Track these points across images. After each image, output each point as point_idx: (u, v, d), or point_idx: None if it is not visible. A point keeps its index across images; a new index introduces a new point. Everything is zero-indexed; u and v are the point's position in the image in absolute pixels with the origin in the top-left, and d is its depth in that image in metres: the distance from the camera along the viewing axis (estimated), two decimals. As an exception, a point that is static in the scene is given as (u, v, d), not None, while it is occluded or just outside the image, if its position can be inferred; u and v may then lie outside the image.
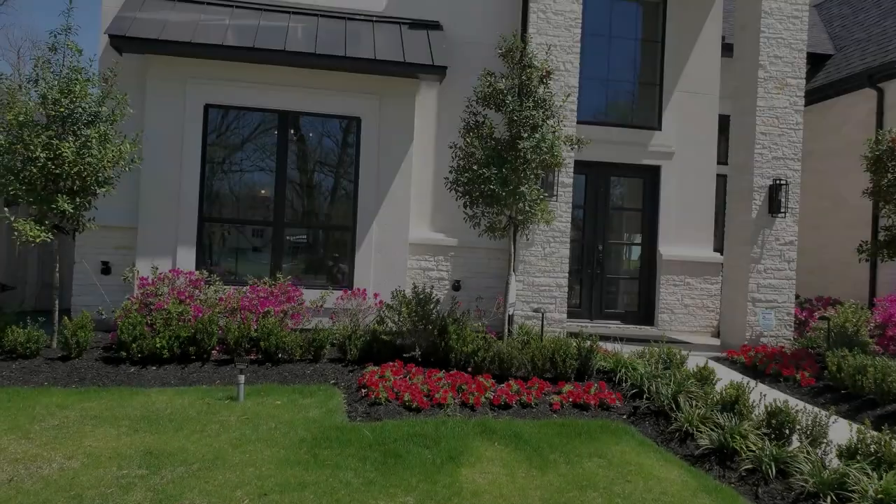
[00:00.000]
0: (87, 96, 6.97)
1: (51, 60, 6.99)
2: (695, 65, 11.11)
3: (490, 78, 7.45)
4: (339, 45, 8.69)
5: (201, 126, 8.60)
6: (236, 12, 8.92)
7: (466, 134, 7.63)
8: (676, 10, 11.11)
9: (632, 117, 11.26)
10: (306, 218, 9.27)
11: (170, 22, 8.44)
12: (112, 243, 8.52)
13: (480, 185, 7.28)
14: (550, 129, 7.40)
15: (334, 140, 9.41)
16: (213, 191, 8.89)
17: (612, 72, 11.19)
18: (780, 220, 9.27)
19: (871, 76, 11.40)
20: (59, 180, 6.79)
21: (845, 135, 12.16)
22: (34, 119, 6.81)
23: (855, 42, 13.03)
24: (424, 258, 9.37)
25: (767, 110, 9.33)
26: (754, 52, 9.43)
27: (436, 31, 9.35)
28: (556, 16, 9.06)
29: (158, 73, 8.52)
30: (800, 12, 9.45)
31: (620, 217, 11.47)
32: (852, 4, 14.49)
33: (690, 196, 10.98)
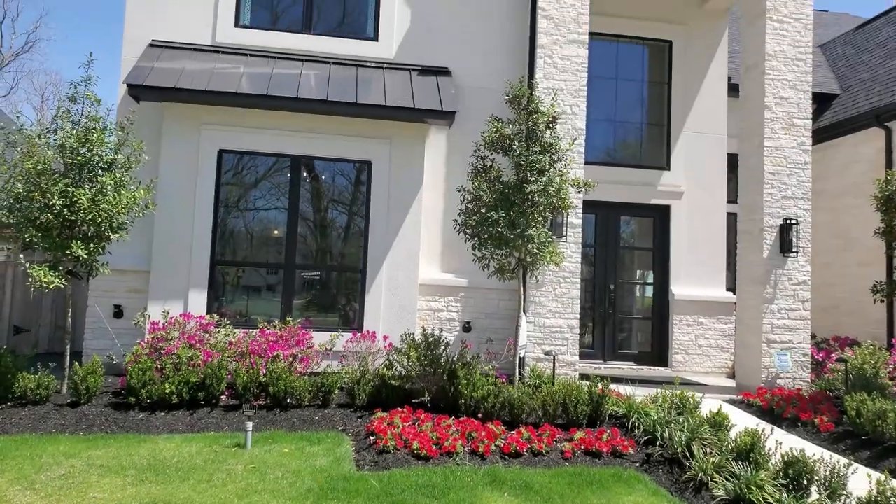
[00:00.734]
0: (103, 144, 7.13)
1: (70, 110, 7.17)
2: (702, 105, 11.21)
3: (497, 124, 7.54)
4: (350, 92, 8.85)
5: (215, 171, 8.75)
6: (250, 60, 9.14)
7: (474, 177, 7.69)
8: (682, 51, 11.27)
9: (640, 157, 11.33)
10: (317, 260, 9.33)
11: (186, 70, 8.66)
12: (125, 287, 8.60)
13: (489, 227, 7.31)
14: (557, 173, 7.45)
15: (345, 183, 9.52)
16: (226, 234, 8.99)
17: (619, 113, 11.32)
18: (792, 260, 9.21)
19: (879, 115, 11.44)
20: (74, 226, 6.90)
21: (855, 173, 12.14)
22: (52, 167, 6.96)
23: (860, 82, 13.11)
24: (435, 299, 9.36)
25: (775, 150, 9.36)
26: (760, 94, 9.51)
27: (445, 77, 9.52)
28: (562, 61, 9.20)
29: (174, 119, 8.71)
30: (803, 55, 9.55)
31: (632, 256, 11.46)
32: (856, 45, 14.62)
33: (701, 235, 10.97)
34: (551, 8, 9.19)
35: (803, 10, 9.62)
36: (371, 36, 9.63)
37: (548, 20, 9.18)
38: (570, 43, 9.20)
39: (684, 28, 11.28)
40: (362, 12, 9.77)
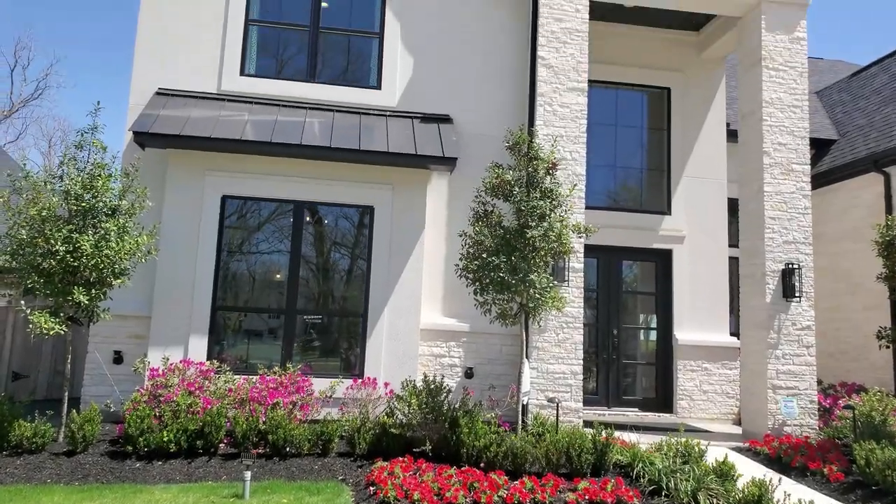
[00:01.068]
0: (108, 191, 7.21)
1: (76, 157, 7.27)
2: (701, 151, 11.34)
3: (498, 170, 7.62)
4: (353, 139, 8.97)
5: (218, 217, 8.80)
6: (255, 108, 9.29)
7: (476, 222, 7.74)
8: (680, 98, 11.46)
9: (641, 202, 11.40)
10: (318, 305, 9.31)
11: (192, 118, 8.80)
12: (125, 332, 8.56)
13: (490, 272, 7.32)
14: (558, 219, 7.49)
15: (347, 228, 9.57)
16: (227, 280, 9.00)
17: (620, 158, 11.44)
18: (796, 305, 9.17)
19: (877, 161, 11.54)
20: (76, 272, 6.92)
21: (855, 218, 12.19)
22: (56, 213, 7.02)
23: (857, 128, 13.28)
24: (436, 344, 9.30)
25: (775, 195, 9.42)
26: (758, 140, 9.62)
27: (446, 124, 9.65)
28: (561, 108, 9.34)
29: (178, 165, 8.81)
30: (800, 101, 9.69)
31: (634, 301, 11.42)
32: (852, 92, 14.86)
33: (703, 280, 10.96)
34: (551, 57, 9.38)
35: (798, 59, 9.80)
36: (374, 84, 9.80)
37: (547, 69, 9.36)
38: (569, 91, 9.36)
39: (682, 75, 11.49)
40: (365, 62, 9.98)
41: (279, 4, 9.80)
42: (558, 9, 9.43)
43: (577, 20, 9.45)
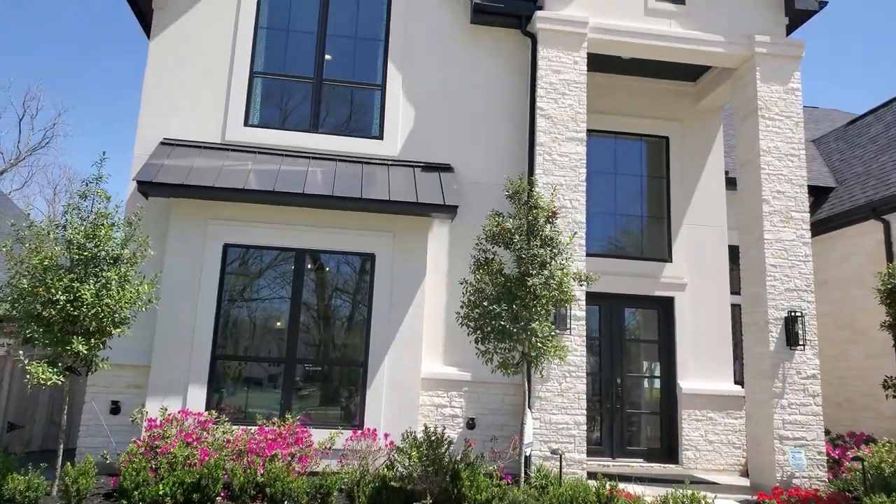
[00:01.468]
0: (110, 240, 7.23)
1: (80, 206, 7.33)
2: (701, 198, 11.41)
3: (498, 218, 7.67)
4: (355, 187, 9.06)
5: (219, 266, 8.82)
6: (259, 158, 9.40)
7: (476, 270, 7.75)
8: (678, 147, 11.59)
9: (642, 249, 11.43)
10: (318, 353, 9.24)
11: (195, 168, 8.90)
12: (123, 382, 8.48)
13: (491, 320, 7.29)
14: (559, 267, 7.50)
15: (348, 276, 9.58)
16: (228, 328, 8.96)
17: (620, 206, 11.51)
18: (800, 353, 9.09)
19: (875, 209, 11.61)
20: (76, 322, 6.90)
21: (856, 265, 12.19)
22: (58, 262, 7.04)
23: (855, 176, 13.41)
24: (437, 394, 9.19)
25: (775, 243, 9.44)
26: (757, 188, 9.70)
27: (447, 172, 9.75)
28: (561, 157, 9.45)
29: (181, 214, 8.88)
30: (797, 150, 9.81)
31: (637, 349, 11.33)
32: (848, 140, 15.06)
33: (706, 327, 10.88)
34: (549, 108, 9.54)
35: (793, 109, 9.96)
36: (376, 134, 9.94)
37: (546, 119, 9.51)
38: (568, 140, 9.49)
39: (680, 125, 11.65)
40: (368, 112, 10.14)
41: (283, 57, 10.02)
42: (556, 61, 9.64)
43: (574, 72, 9.65)
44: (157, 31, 9.59)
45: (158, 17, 9.61)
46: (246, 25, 9.76)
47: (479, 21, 10.03)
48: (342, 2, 10.15)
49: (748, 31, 10.15)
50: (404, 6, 10.11)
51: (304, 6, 10.07)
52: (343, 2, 10.15)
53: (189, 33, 9.62)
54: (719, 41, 10.07)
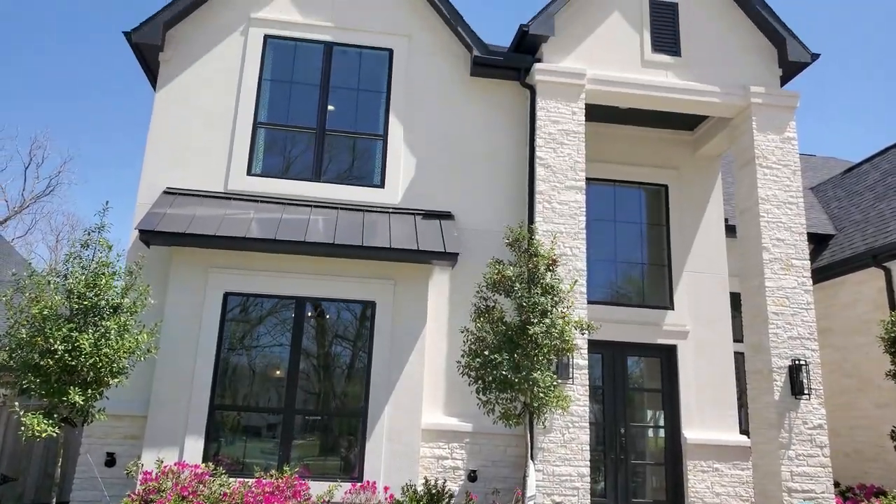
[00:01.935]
0: (111, 289, 7.23)
1: (81, 255, 7.35)
2: (701, 245, 11.42)
3: (498, 266, 7.68)
4: (356, 235, 9.09)
5: (219, 314, 8.80)
6: (261, 206, 9.47)
7: (477, 318, 7.73)
8: (678, 195, 11.66)
9: (644, 297, 11.38)
10: (318, 403, 9.12)
11: (197, 216, 8.96)
12: (120, 433, 8.35)
13: (492, 370, 7.23)
14: (560, 315, 7.47)
15: (348, 324, 9.53)
16: (227, 378, 8.87)
17: (621, 253, 11.52)
18: (805, 403, 8.97)
19: (876, 256, 11.62)
20: (73, 372, 6.84)
21: (859, 312, 12.13)
22: (58, 311, 7.02)
23: (854, 223, 13.47)
24: (438, 445, 9.02)
25: (777, 290, 9.42)
26: (757, 235, 9.73)
27: (448, 220, 9.80)
28: (560, 205, 9.52)
29: (182, 263, 8.90)
30: (795, 198, 9.88)
31: (641, 398, 11.18)
32: (846, 188, 15.19)
33: (709, 376, 10.75)
34: (548, 157, 9.66)
35: (790, 158, 10.08)
36: (378, 183, 10.02)
37: (545, 168, 9.61)
38: (567, 189, 9.57)
39: (678, 173, 11.75)
40: (369, 161, 10.25)
41: (287, 108, 10.19)
42: (555, 112, 9.80)
43: (573, 122, 9.80)
44: (164, 82, 9.79)
45: (165, 69, 9.83)
46: (250, 78, 9.96)
47: (479, 73, 10.24)
48: (345, 55, 10.38)
49: (743, 81, 10.35)
50: (406, 59, 10.34)
51: (307, 59, 10.30)
52: (345, 55, 10.39)
53: (194, 85, 9.82)
54: (715, 92, 10.25)
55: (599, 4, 10.41)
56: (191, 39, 9.94)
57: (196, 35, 9.97)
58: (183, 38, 9.90)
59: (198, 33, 9.98)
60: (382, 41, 10.38)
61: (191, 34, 9.95)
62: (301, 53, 10.32)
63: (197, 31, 9.98)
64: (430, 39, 10.44)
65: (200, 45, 9.96)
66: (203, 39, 9.98)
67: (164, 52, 9.77)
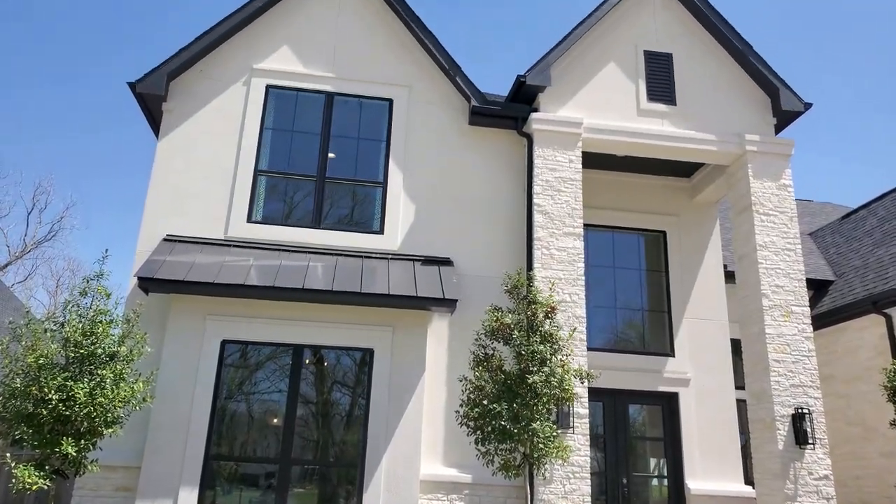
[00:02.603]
0: (108, 337, 7.19)
1: (79, 304, 7.34)
2: (700, 292, 11.40)
3: (497, 313, 7.65)
4: (355, 282, 9.09)
5: (216, 362, 8.73)
6: (260, 253, 9.49)
7: (476, 367, 7.66)
8: (676, 241, 11.69)
9: (644, 344, 11.32)
10: (315, 453, 8.98)
11: (196, 263, 8.97)
12: (112, 484, 8.19)
13: (491, 420, 7.14)
14: (559, 363, 7.41)
15: (346, 372, 9.46)
16: (223, 427, 8.75)
17: (620, 299, 11.50)
18: (810, 453, 8.82)
19: (876, 302, 11.59)
20: (67, 422, 6.75)
21: (862, 359, 12.04)
22: (54, 360, 6.97)
23: (853, 269, 13.48)
24: (437, 497, 8.84)
25: (777, 337, 9.37)
26: (756, 282, 9.73)
27: (447, 266, 9.81)
28: (559, 252, 9.54)
29: (181, 310, 8.87)
30: (793, 245, 9.91)
31: (643, 447, 11.00)
32: (844, 234, 15.25)
33: (712, 424, 10.61)
34: (546, 204, 9.73)
35: (786, 205, 10.15)
36: (377, 230, 10.07)
37: (543, 215, 9.67)
38: (565, 235, 9.61)
39: (676, 219, 11.81)
40: (369, 208, 10.32)
41: (287, 156, 10.31)
42: (552, 160, 9.91)
43: (570, 170, 9.90)
44: (166, 131, 9.93)
45: (167, 118, 9.98)
46: (252, 126, 10.11)
47: (477, 122, 10.40)
48: (345, 105, 10.55)
49: (738, 129, 10.50)
50: (405, 109, 10.51)
51: (308, 109, 10.47)
52: (346, 105, 10.56)
53: (196, 134, 9.96)
54: (711, 140, 10.39)
55: (595, 55, 10.63)
56: (194, 89, 10.13)
57: (199, 85, 10.16)
58: (186, 87, 10.09)
59: (201, 83, 10.17)
60: (383, 91, 10.57)
61: (194, 84, 10.14)
62: (302, 103, 10.50)
63: (200, 82, 10.18)
64: (429, 89, 10.64)
65: (203, 95, 10.14)
66: (206, 89, 10.17)
67: (167, 102, 9.95)
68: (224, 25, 10.19)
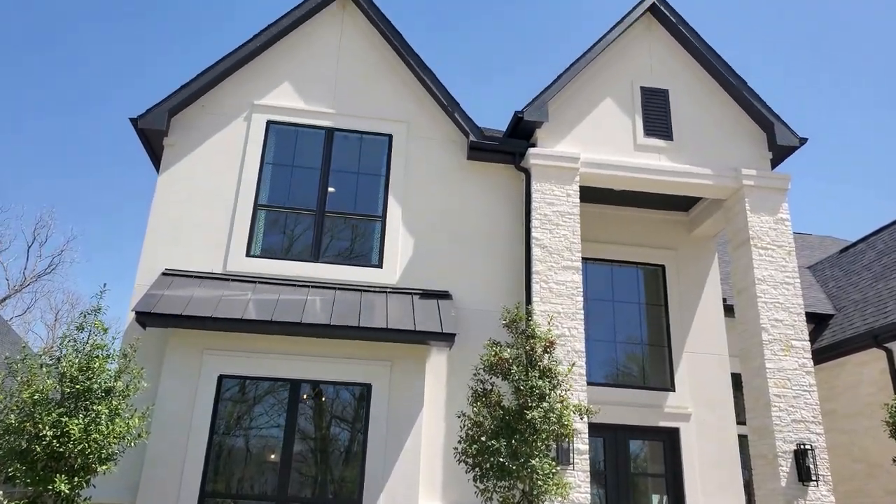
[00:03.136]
0: (104, 372, 7.16)
1: (76, 338, 7.32)
2: (700, 326, 11.36)
3: (495, 348, 7.61)
4: (353, 316, 9.06)
5: (213, 398, 8.66)
6: (258, 287, 9.49)
7: (474, 402, 7.59)
8: (675, 275, 11.69)
9: (644, 378, 11.24)
10: (313, 490, 8.85)
11: (195, 298, 8.96)
12: (105, 522, 8.06)
13: (490, 457, 7.05)
14: (558, 399, 7.35)
15: (344, 408, 9.37)
16: (219, 463, 8.64)
17: (620, 333, 11.45)
18: (813, 490, 8.70)
19: (876, 336, 11.55)
20: (61, 458, 6.68)
21: (863, 394, 11.94)
22: (49, 396, 6.92)
23: (853, 303, 13.45)
24: (436, 535, 8.69)
25: (777, 372, 9.31)
26: (755, 316, 9.70)
27: (445, 300, 9.79)
28: (557, 285, 9.54)
29: (178, 344, 8.84)
30: (791, 279, 9.91)
31: (645, 483, 10.85)
32: (843, 268, 15.25)
33: (714, 460, 10.47)
34: (545, 238, 9.76)
35: (784, 239, 10.17)
36: (376, 263, 10.08)
37: (542, 248, 9.69)
38: (564, 269, 9.62)
39: (675, 253, 11.82)
40: (368, 242, 10.34)
41: (287, 190, 10.37)
42: (550, 194, 9.97)
43: (568, 204, 9.96)
44: (167, 165, 10.01)
45: (168, 153, 10.07)
46: (252, 161, 10.20)
47: (476, 157, 10.49)
48: (345, 140, 10.66)
49: (735, 164, 10.58)
50: (405, 144, 10.61)
51: (308, 144, 10.58)
52: (346, 140, 10.67)
53: (196, 169, 10.03)
54: (708, 174, 10.46)
55: (592, 91, 10.77)
56: (195, 124, 10.24)
57: (200, 120, 10.28)
58: (187, 123, 10.21)
59: (202, 119, 10.29)
60: (382, 127, 10.69)
61: (195, 120, 10.26)
62: (302, 138, 10.61)
63: (201, 117, 10.29)
64: (428, 125, 10.76)
65: (204, 130, 10.25)
66: (207, 125, 10.28)
67: (168, 137, 10.05)
68: (226, 62, 10.35)
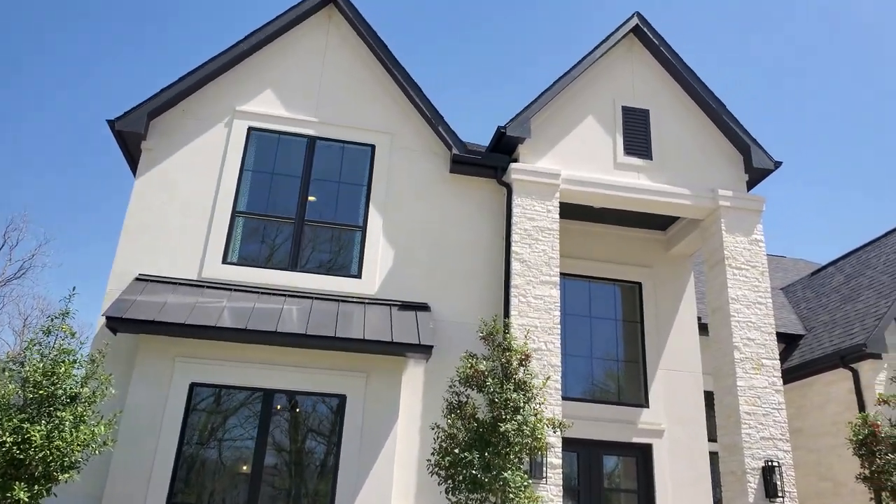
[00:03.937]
0: (70, 377, 6.97)
1: (41, 342, 7.13)
2: (674, 344, 11.46)
3: (471, 360, 7.60)
4: (330, 326, 8.97)
5: (184, 406, 8.50)
6: (234, 295, 9.35)
7: (449, 414, 7.56)
8: (651, 292, 11.79)
9: (619, 394, 11.29)
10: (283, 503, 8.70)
11: (168, 304, 8.81)
12: (66, 533, 7.84)
13: (462, 469, 7.01)
14: (532, 412, 7.35)
15: (321, 419, 9.25)
16: (189, 474, 8.47)
17: (596, 349, 11.51)
18: (782, 508, 8.78)
19: (843, 357, 11.76)
20: (21, 466, 6.47)
21: (830, 413, 12.13)
22: (11, 401, 6.72)
23: (822, 324, 13.69)
24: (407, 549, 8.60)
25: (748, 390, 9.42)
26: (728, 335, 9.82)
27: (424, 312, 9.75)
28: (535, 300, 9.56)
29: (149, 351, 8.67)
30: (764, 299, 10.06)
31: (618, 499, 10.85)
32: (814, 289, 15.54)
33: (685, 477, 10.53)
34: (524, 252, 9.79)
35: (758, 260, 10.34)
36: (355, 273, 9.99)
37: (521, 263, 9.72)
38: (542, 284, 9.65)
39: (651, 271, 11.93)
40: (347, 252, 10.27)
41: (267, 198, 10.26)
42: (530, 209, 10.02)
43: (548, 220, 10.01)
44: (144, 169, 9.85)
45: (146, 156, 9.91)
46: (231, 168, 10.09)
47: (458, 171, 10.51)
48: (327, 149, 10.61)
49: (712, 185, 10.74)
50: (387, 155, 10.59)
51: (290, 152, 10.50)
52: (328, 149, 10.61)
53: (174, 173, 9.89)
54: (685, 194, 10.60)
55: (574, 109, 10.88)
56: (174, 129, 10.11)
57: (179, 125, 10.15)
58: (166, 127, 10.08)
59: (182, 123, 10.17)
60: (365, 137, 10.66)
61: (174, 124, 10.13)
62: (284, 146, 10.53)
63: (181, 121, 10.17)
64: (411, 137, 10.77)
65: (183, 135, 10.12)
66: (186, 129, 10.16)
67: (146, 141, 9.90)
68: (208, 67, 10.24)
